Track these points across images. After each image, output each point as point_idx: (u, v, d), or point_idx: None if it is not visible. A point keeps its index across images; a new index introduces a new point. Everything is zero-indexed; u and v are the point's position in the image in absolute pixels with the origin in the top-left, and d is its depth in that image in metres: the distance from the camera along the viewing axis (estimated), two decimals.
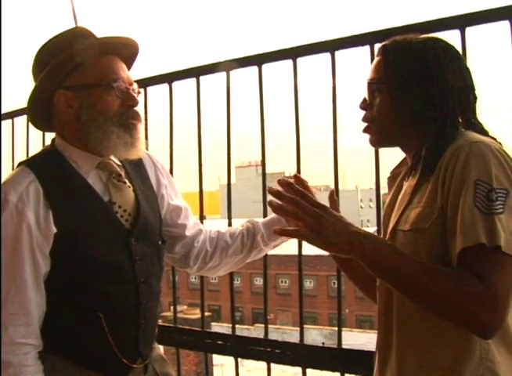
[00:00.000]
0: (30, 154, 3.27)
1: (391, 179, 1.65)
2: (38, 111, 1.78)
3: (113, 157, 1.78)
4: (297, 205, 1.33)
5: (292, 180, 2.02)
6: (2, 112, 3.36)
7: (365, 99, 1.55)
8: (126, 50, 1.78)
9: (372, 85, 1.52)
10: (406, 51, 1.47)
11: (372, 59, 2.07)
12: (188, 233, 1.99)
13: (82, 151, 1.72)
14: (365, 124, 1.56)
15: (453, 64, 1.45)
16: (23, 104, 3.30)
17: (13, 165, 3.35)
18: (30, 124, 3.22)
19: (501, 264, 1.25)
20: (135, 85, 1.77)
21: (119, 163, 1.80)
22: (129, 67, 1.80)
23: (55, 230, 1.64)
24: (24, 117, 3.29)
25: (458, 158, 1.32)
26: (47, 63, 1.70)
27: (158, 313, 1.91)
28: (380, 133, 1.54)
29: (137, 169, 1.87)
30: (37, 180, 1.65)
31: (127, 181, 1.80)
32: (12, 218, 1.61)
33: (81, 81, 1.69)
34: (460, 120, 1.46)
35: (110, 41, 1.75)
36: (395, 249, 1.34)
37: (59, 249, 1.65)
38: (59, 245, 1.65)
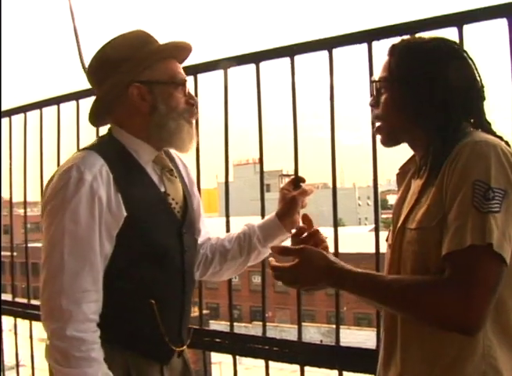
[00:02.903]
0: (29, 152, 3.28)
1: (400, 176, 1.66)
2: (105, 102, 1.83)
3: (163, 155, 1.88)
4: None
5: (291, 179, 2.05)
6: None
7: (374, 97, 1.57)
8: (183, 54, 1.90)
9: (377, 84, 1.55)
10: (410, 50, 1.49)
11: (370, 56, 2.08)
12: (199, 240, 2.03)
13: (143, 142, 1.80)
14: (377, 124, 1.58)
15: (457, 64, 1.45)
16: (21, 102, 3.31)
17: (11, 163, 3.35)
18: (27, 123, 3.24)
19: (486, 264, 1.27)
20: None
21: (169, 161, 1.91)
22: None
23: (125, 214, 1.68)
24: (22, 116, 3.29)
25: (460, 158, 1.33)
26: (121, 60, 1.77)
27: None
28: (387, 132, 1.56)
29: (175, 167, 1.95)
30: (106, 165, 1.69)
31: (177, 176, 1.91)
32: (87, 197, 1.64)
33: (154, 78, 1.78)
34: (471, 120, 1.47)
35: (178, 45, 1.87)
36: (373, 278, 1.45)
37: (124, 233, 1.69)
38: (126, 229, 1.69)
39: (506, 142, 1.43)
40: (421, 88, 1.44)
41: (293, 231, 1.80)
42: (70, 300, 1.61)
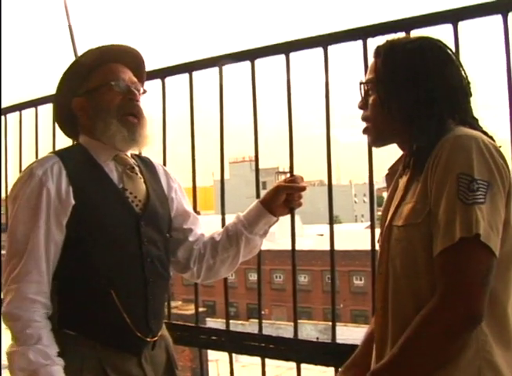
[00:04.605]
0: (24, 150, 3.27)
1: (389, 176, 1.66)
2: (64, 120, 2.04)
3: (129, 154, 2.00)
4: None
5: (286, 177, 2.06)
6: None
7: (362, 98, 1.59)
8: (127, 57, 1.99)
9: (365, 85, 1.57)
10: (394, 51, 1.51)
11: (365, 53, 2.08)
12: (191, 238, 2.10)
13: (101, 143, 1.92)
14: (365, 125, 1.59)
15: (441, 62, 1.47)
16: (16, 100, 3.30)
17: (6, 162, 3.34)
18: (22, 121, 3.24)
19: (474, 255, 1.28)
20: (141, 87, 1.98)
21: (134, 161, 2.01)
22: (139, 75, 2.01)
23: (73, 202, 1.80)
24: (17, 114, 3.28)
25: (442, 153, 1.35)
26: (62, 81, 1.97)
27: (167, 294, 2.07)
28: (375, 133, 1.58)
29: (150, 171, 2.06)
30: (61, 162, 1.84)
31: (139, 173, 1.99)
32: (36, 188, 1.79)
33: (89, 87, 1.93)
34: (456, 118, 1.47)
35: (109, 48, 1.96)
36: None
37: (75, 221, 1.80)
38: (76, 217, 1.80)
39: (491, 137, 1.44)
40: (406, 87, 1.46)
41: None
42: (13, 279, 1.75)
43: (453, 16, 1.94)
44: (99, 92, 1.91)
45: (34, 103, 3.20)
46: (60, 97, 1.99)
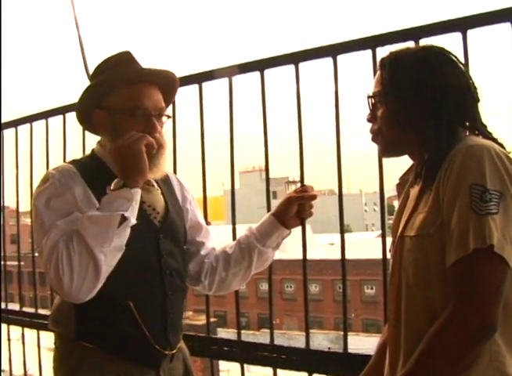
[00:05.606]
0: (35, 162, 3.29)
1: (400, 186, 1.66)
2: (84, 124, 1.99)
3: None
4: None
5: (296, 187, 2.06)
6: (7, 120, 3.37)
7: (370, 111, 1.58)
8: (161, 79, 1.91)
9: (372, 99, 1.57)
10: (399, 62, 1.51)
11: (374, 63, 2.08)
12: (203, 252, 2.09)
13: None
14: (374, 135, 1.59)
15: (447, 71, 1.47)
16: (27, 113, 3.33)
17: (17, 173, 3.36)
18: (33, 133, 3.26)
19: (488, 266, 1.28)
20: (165, 111, 1.92)
21: None
22: (168, 95, 1.96)
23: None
24: (28, 126, 3.31)
25: (454, 163, 1.35)
26: (88, 84, 1.91)
27: (184, 307, 2.03)
28: (386, 144, 1.57)
29: (165, 182, 2.03)
30: (76, 169, 1.83)
31: (155, 185, 1.96)
32: (56, 188, 1.76)
33: (112, 104, 1.85)
34: (465, 125, 1.47)
35: (146, 72, 1.89)
36: None
37: None
38: None
39: (501, 145, 1.44)
40: (414, 98, 1.46)
41: None
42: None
43: (462, 25, 1.94)
44: (121, 115, 1.82)
45: (45, 115, 3.22)
46: (83, 103, 1.92)
